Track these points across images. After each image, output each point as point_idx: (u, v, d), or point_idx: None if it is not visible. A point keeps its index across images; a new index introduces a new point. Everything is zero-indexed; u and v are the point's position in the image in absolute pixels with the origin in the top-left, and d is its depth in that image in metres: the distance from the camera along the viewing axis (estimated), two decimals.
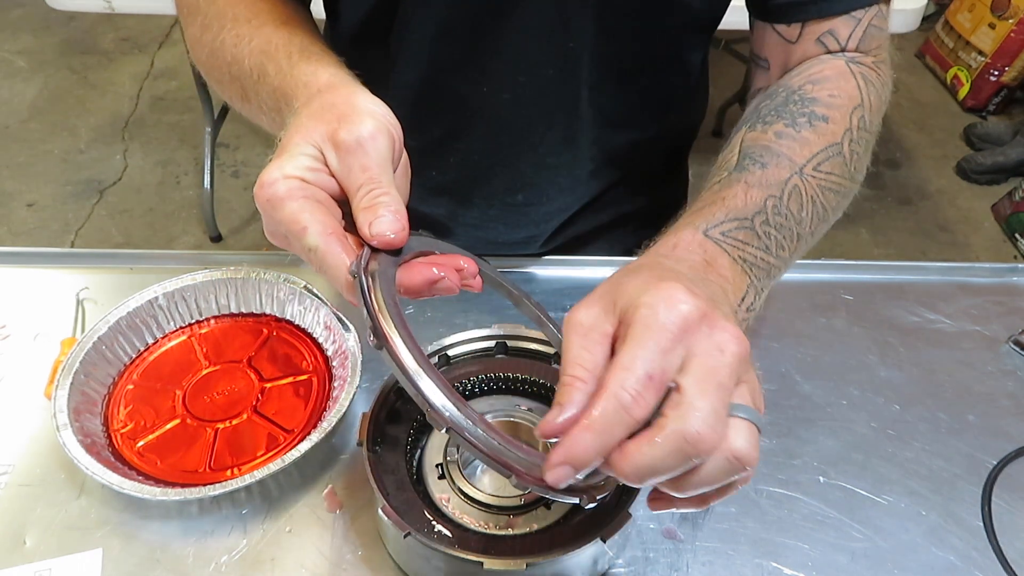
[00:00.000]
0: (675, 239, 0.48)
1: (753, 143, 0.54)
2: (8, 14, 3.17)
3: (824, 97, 0.56)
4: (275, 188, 0.42)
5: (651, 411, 0.36)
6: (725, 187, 0.51)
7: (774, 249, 0.49)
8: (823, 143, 0.53)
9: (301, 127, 0.45)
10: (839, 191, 0.54)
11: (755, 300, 0.47)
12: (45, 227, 2.28)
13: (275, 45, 0.56)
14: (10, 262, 0.80)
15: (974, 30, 2.74)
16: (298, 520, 0.59)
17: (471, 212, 0.81)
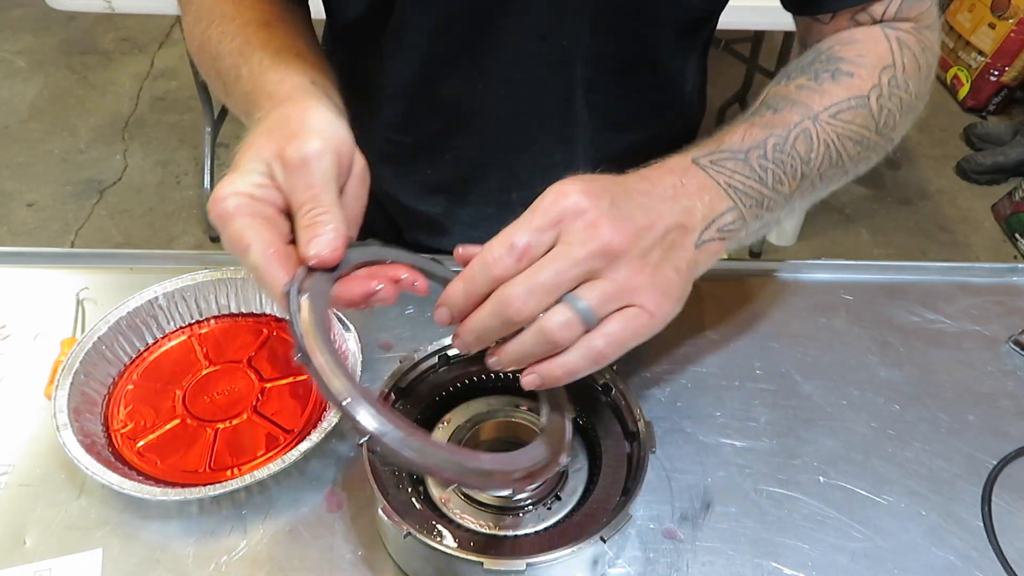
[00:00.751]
0: (665, 162, 0.50)
1: (775, 94, 0.55)
2: (8, 14, 3.17)
3: (851, 56, 0.56)
4: (225, 204, 0.44)
5: (510, 271, 0.42)
6: (730, 128, 0.53)
7: (769, 181, 0.51)
8: (845, 95, 0.54)
9: (253, 144, 0.46)
10: (860, 141, 0.54)
11: (736, 222, 0.49)
12: (45, 227, 2.28)
13: (252, 47, 0.57)
14: (10, 262, 0.80)
15: (974, 30, 2.74)
16: (298, 520, 0.59)
17: (466, 211, 0.81)
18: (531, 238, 0.42)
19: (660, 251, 0.45)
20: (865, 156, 0.57)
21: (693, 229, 0.48)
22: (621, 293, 0.43)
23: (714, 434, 0.66)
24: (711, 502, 0.61)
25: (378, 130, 0.77)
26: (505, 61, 0.67)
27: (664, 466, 0.63)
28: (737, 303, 0.78)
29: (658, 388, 0.69)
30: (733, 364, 0.72)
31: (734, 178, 0.50)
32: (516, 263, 0.42)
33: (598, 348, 0.43)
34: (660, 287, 0.45)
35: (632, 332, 0.44)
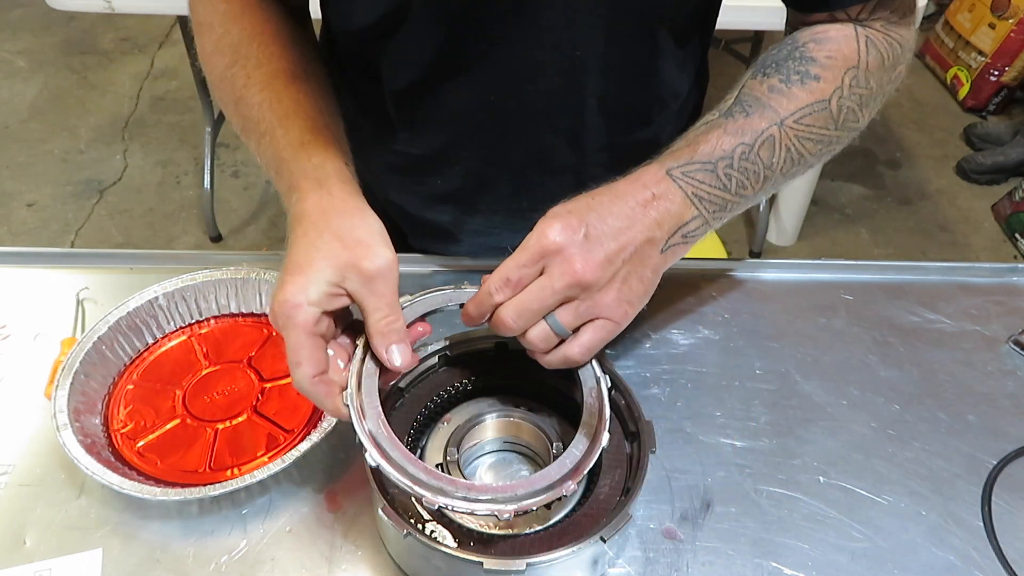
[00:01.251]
0: (640, 173, 0.58)
1: (749, 92, 0.61)
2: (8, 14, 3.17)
3: (821, 58, 0.62)
4: (297, 314, 0.50)
5: (506, 298, 0.54)
6: (704, 132, 0.60)
7: (733, 188, 0.59)
8: (810, 99, 0.60)
9: (323, 248, 0.52)
10: (821, 140, 0.62)
11: (699, 227, 0.58)
12: (45, 227, 2.28)
13: (284, 110, 0.61)
14: (10, 262, 0.80)
15: (974, 30, 2.74)
16: (298, 520, 0.59)
17: (475, 219, 0.81)
18: (520, 272, 0.54)
19: (628, 267, 0.55)
20: (827, 150, 0.63)
21: (660, 240, 0.57)
22: (591, 310, 0.54)
23: (714, 434, 0.66)
24: (711, 502, 0.61)
25: (385, 141, 0.77)
26: (516, 72, 0.67)
27: (664, 466, 0.63)
28: (737, 303, 0.78)
29: (658, 388, 0.69)
30: (733, 364, 0.72)
31: (701, 188, 0.58)
32: (511, 292, 0.54)
33: (571, 354, 0.55)
34: (625, 299, 0.55)
35: (600, 339, 0.56)
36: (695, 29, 0.73)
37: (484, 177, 0.77)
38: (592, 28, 0.64)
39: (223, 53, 0.64)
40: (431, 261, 0.81)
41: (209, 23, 0.65)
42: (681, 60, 0.73)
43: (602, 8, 0.63)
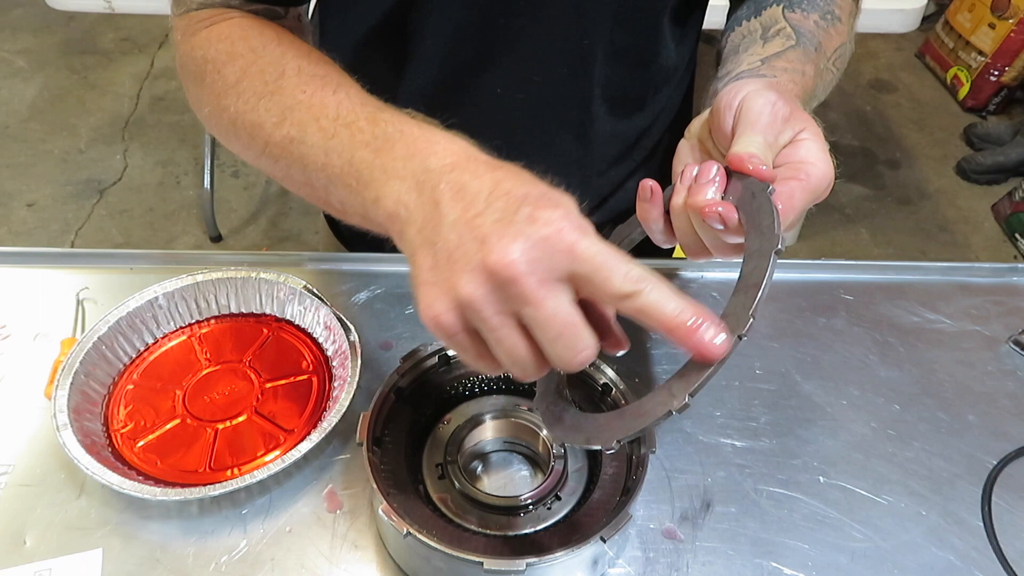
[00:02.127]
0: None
1: (800, 25, 0.61)
2: (8, 14, 3.17)
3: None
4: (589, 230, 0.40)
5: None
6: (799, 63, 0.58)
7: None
8: (840, 41, 0.63)
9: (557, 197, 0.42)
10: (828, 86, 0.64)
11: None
12: (45, 227, 2.28)
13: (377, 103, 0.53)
14: (10, 262, 0.80)
15: (974, 30, 2.74)
16: (298, 520, 0.59)
17: None
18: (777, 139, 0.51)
19: None
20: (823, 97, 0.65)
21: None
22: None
23: (714, 434, 0.66)
24: (711, 502, 0.61)
25: None
26: (525, 64, 0.67)
27: (664, 466, 0.63)
28: None
29: None
30: (733, 364, 0.72)
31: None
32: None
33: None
34: None
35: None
36: (691, 9, 0.74)
37: None
38: (601, 16, 0.65)
39: (262, 71, 0.56)
40: None
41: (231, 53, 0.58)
42: (678, 41, 0.74)
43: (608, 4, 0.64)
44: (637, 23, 0.67)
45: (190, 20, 0.64)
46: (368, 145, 0.47)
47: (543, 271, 0.38)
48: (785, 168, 0.49)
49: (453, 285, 0.39)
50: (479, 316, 0.39)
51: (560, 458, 0.58)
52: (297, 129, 0.52)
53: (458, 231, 0.40)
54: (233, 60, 0.57)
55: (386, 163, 0.46)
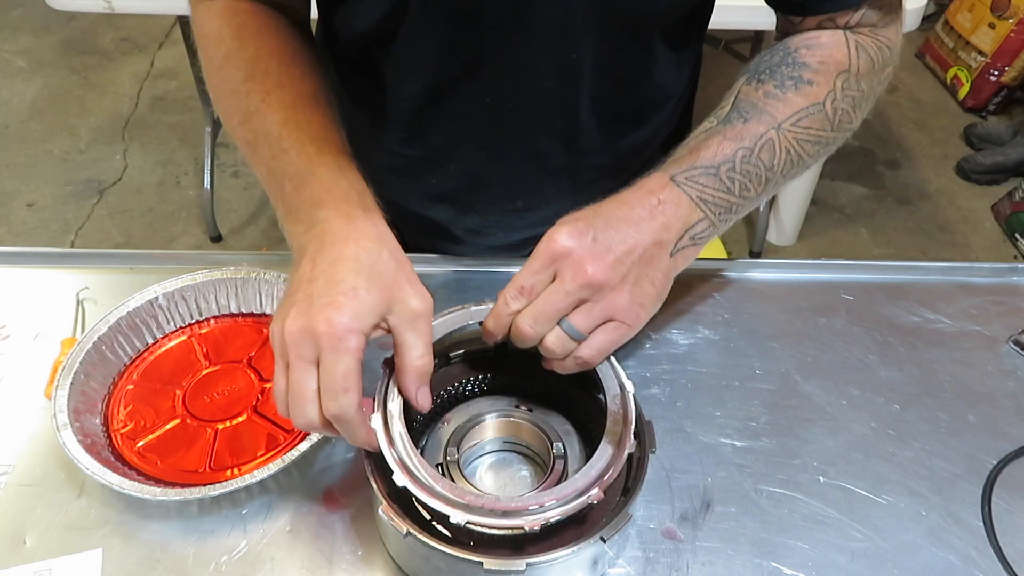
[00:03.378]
0: (645, 181, 0.60)
1: (745, 98, 0.63)
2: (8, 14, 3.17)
3: (814, 63, 0.64)
4: (351, 339, 0.49)
5: (522, 305, 0.55)
6: (705, 139, 0.61)
7: (737, 191, 0.61)
8: (805, 103, 0.62)
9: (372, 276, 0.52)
10: (818, 141, 0.64)
11: (706, 230, 0.60)
12: (45, 227, 2.28)
13: (313, 132, 0.60)
14: (10, 262, 0.80)
15: (974, 30, 2.74)
16: (298, 520, 0.59)
17: (471, 218, 0.81)
18: (533, 279, 0.55)
19: (638, 270, 0.56)
20: (824, 150, 0.66)
21: (668, 243, 0.58)
22: (604, 312, 0.55)
23: (714, 434, 0.66)
24: (711, 502, 0.61)
25: (383, 143, 0.77)
26: (514, 76, 0.68)
27: (664, 466, 0.63)
28: (737, 303, 0.78)
29: (658, 388, 0.69)
30: (733, 364, 0.72)
31: (705, 192, 0.59)
32: (526, 300, 0.55)
33: (583, 355, 0.56)
34: (637, 301, 0.57)
35: (612, 341, 0.57)
36: (688, 32, 0.74)
37: (480, 178, 0.77)
38: (587, 33, 0.65)
39: (236, 67, 0.63)
40: (429, 260, 0.81)
41: (219, 37, 0.65)
42: (675, 62, 0.74)
43: (596, 14, 0.64)
44: (625, 40, 0.67)
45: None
46: (291, 180, 0.57)
47: (305, 351, 0.49)
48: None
49: (274, 322, 0.51)
50: (276, 351, 0.51)
51: (560, 458, 0.58)
52: (252, 136, 0.61)
53: (295, 286, 0.52)
54: (219, 44, 0.64)
55: (299, 203, 0.56)
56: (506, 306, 0.56)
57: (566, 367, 0.57)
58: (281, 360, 0.51)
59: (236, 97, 0.62)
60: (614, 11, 0.64)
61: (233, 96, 0.63)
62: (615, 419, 0.56)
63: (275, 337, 0.51)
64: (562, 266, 0.55)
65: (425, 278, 0.79)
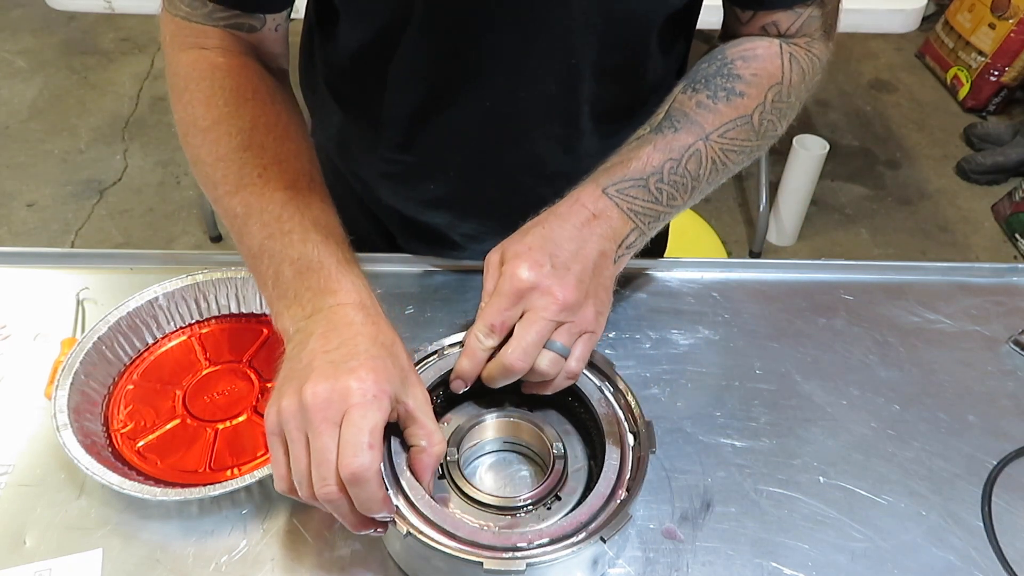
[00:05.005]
0: (578, 194, 0.61)
1: (679, 107, 0.65)
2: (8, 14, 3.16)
3: (747, 75, 0.66)
4: (382, 399, 0.50)
5: (497, 343, 0.56)
6: (636, 148, 0.63)
7: (664, 200, 0.63)
8: (734, 115, 0.65)
9: (386, 357, 0.52)
10: (743, 150, 0.66)
11: (637, 239, 0.62)
12: (45, 227, 2.28)
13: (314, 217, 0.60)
14: (10, 262, 0.80)
15: (974, 30, 2.74)
16: (298, 520, 0.59)
17: (468, 223, 0.81)
18: (503, 317, 0.56)
19: (594, 281, 0.58)
20: (748, 158, 0.68)
21: (610, 252, 0.60)
22: (579, 327, 0.57)
23: (714, 434, 0.66)
24: (711, 502, 0.61)
25: (378, 150, 0.77)
26: (512, 81, 0.68)
27: (664, 466, 0.63)
28: (737, 303, 0.78)
29: (658, 388, 0.69)
30: (733, 364, 0.72)
31: (635, 203, 0.61)
32: (499, 337, 0.56)
33: (574, 369, 0.58)
34: (599, 309, 0.59)
35: (589, 350, 0.59)
36: (679, 28, 0.74)
37: (477, 183, 0.77)
38: (587, 35, 0.65)
39: (230, 134, 0.62)
40: (425, 262, 0.81)
41: (209, 97, 0.63)
42: (666, 58, 0.74)
43: (596, 16, 0.64)
44: (624, 42, 0.68)
45: (179, 27, 0.65)
46: (293, 264, 0.57)
47: (332, 412, 0.48)
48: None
49: (280, 398, 0.50)
50: (287, 425, 0.50)
51: (560, 458, 0.58)
52: (244, 209, 0.60)
53: (308, 359, 0.51)
54: (209, 105, 0.63)
55: (299, 289, 0.56)
56: (480, 343, 0.56)
57: (557, 385, 0.58)
58: (298, 432, 0.49)
59: (226, 165, 0.61)
60: (615, 13, 0.64)
61: (222, 164, 0.61)
62: (609, 420, 0.57)
63: (289, 407, 0.49)
64: (531, 299, 0.56)
65: (424, 279, 0.80)
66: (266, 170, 0.61)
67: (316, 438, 0.48)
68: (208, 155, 0.62)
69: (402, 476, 0.54)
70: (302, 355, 0.52)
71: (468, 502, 0.56)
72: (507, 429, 0.62)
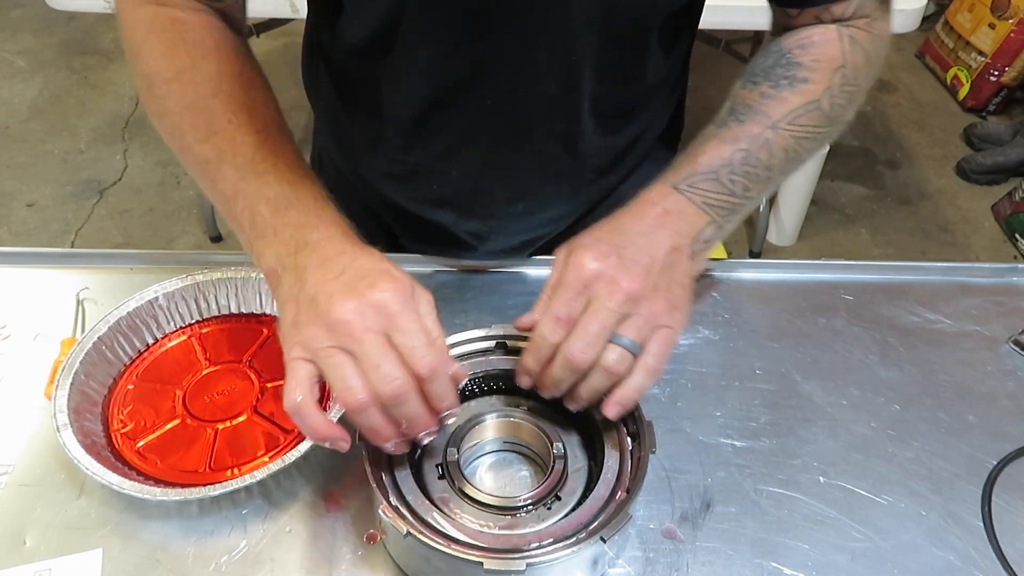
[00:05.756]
0: (648, 193, 0.61)
1: (741, 100, 0.64)
2: (8, 14, 3.17)
3: (808, 61, 0.64)
4: (421, 296, 0.52)
5: (563, 336, 0.54)
6: (702, 144, 0.63)
7: (739, 192, 0.61)
8: (802, 101, 0.63)
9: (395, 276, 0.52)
10: (814, 137, 0.65)
11: (713, 233, 0.61)
12: (45, 227, 2.28)
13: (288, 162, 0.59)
14: (10, 262, 0.80)
15: (974, 30, 2.74)
16: (298, 520, 0.59)
17: (472, 222, 0.81)
18: (569, 308, 0.55)
19: (666, 277, 0.57)
20: (820, 145, 0.67)
21: (684, 247, 0.59)
22: (650, 321, 0.55)
23: (714, 434, 0.66)
24: (711, 502, 0.61)
25: (381, 150, 0.77)
26: (513, 80, 0.68)
27: (664, 466, 0.63)
28: (737, 303, 0.78)
29: (658, 388, 0.69)
30: (733, 364, 0.72)
31: (708, 196, 0.60)
32: (565, 329, 0.54)
33: (652, 365, 0.55)
34: (673, 304, 0.57)
35: (667, 346, 0.56)
36: (681, 27, 0.74)
37: (481, 182, 0.77)
38: (588, 33, 0.65)
39: (195, 82, 0.61)
40: (425, 262, 0.81)
41: (170, 49, 0.62)
42: (667, 57, 0.74)
43: (597, 14, 0.64)
44: (625, 41, 0.67)
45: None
46: (269, 202, 0.56)
47: (369, 322, 0.49)
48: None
49: (308, 338, 0.50)
50: (322, 350, 0.50)
51: (560, 458, 0.58)
52: (216, 154, 0.59)
53: (315, 289, 0.51)
54: (170, 57, 0.62)
55: (278, 225, 0.55)
56: (545, 339, 0.55)
57: (637, 385, 0.55)
58: (335, 348, 0.49)
59: (195, 113, 0.61)
60: (615, 11, 0.64)
61: (190, 112, 0.61)
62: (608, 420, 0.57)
63: (312, 329, 0.50)
64: (596, 288, 0.54)
65: (427, 278, 0.80)
66: (236, 116, 0.60)
67: (363, 346, 0.49)
68: (175, 105, 0.61)
69: (402, 483, 0.54)
70: (305, 288, 0.52)
71: (468, 502, 0.56)
72: (507, 429, 0.62)
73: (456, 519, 0.54)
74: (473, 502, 0.56)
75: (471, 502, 0.56)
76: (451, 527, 0.53)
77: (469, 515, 0.55)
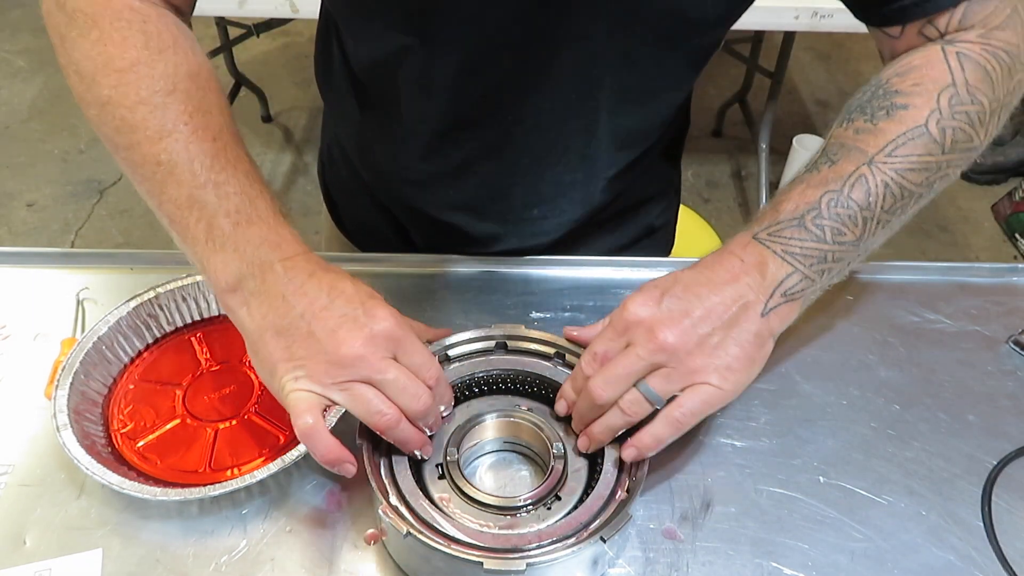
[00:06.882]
0: (727, 244, 0.59)
1: (835, 140, 0.61)
2: (8, 14, 3.17)
3: (906, 87, 0.60)
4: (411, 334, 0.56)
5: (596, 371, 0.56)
6: (787, 191, 0.60)
7: (829, 237, 0.57)
8: (901, 129, 0.58)
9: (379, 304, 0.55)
10: (924, 167, 0.59)
11: (799, 283, 0.57)
12: (45, 227, 2.28)
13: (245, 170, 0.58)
14: (10, 262, 0.80)
15: None
16: (298, 520, 0.59)
17: (486, 225, 0.81)
18: (607, 346, 0.57)
19: (721, 332, 0.55)
20: (936, 176, 0.60)
21: (756, 303, 0.56)
22: (684, 376, 0.55)
23: (714, 434, 0.66)
24: (711, 502, 0.61)
25: (399, 158, 0.77)
26: (533, 95, 0.67)
27: (664, 466, 0.63)
28: None
29: None
30: None
31: (790, 244, 0.57)
32: (599, 366, 0.57)
33: (676, 417, 0.55)
34: (722, 364, 0.55)
35: (702, 403, 0.55)
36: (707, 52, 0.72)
37: (497, 190, 0.78)
38: (609, 51, 0.64)
39: (150, 77, 0.57)
40: (425, 262, 0.81)
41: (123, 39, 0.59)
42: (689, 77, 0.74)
43: (620, 42, 0.64)
44: (643, 59, 0.67)
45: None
46: (229, 216, 0.55)
47: (382, 352, 0.53)
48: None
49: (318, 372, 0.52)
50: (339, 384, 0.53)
51: (560, 458, 0.58)
52: (168, 157, 0.56)
53: (307, 321, 0.52)
54: (124, 46, 0.58)
55: (239, 241, 0.54)
56: (581, 371, 0.58)
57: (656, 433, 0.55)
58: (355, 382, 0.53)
59: (148, 109, 0.57)
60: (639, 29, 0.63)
61: (143, 107, 0.57)
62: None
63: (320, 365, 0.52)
64: (635, 334, 0.55)
65: (424, 280, 0.80)
66: (192, 118, 0.57)
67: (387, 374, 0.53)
68: (125, 98, 0.57)
69: (401, 481, 0.54)
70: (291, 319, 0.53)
71: (468, 502, 0.56)
72: (507, 429, 0.62)
73: (456, 519, 0.54)
74: (473, 502, 0.56)
75: (471, 502, 0.56)
76: (451, 527, 0.53)
77: (469, 515, 0.55)
